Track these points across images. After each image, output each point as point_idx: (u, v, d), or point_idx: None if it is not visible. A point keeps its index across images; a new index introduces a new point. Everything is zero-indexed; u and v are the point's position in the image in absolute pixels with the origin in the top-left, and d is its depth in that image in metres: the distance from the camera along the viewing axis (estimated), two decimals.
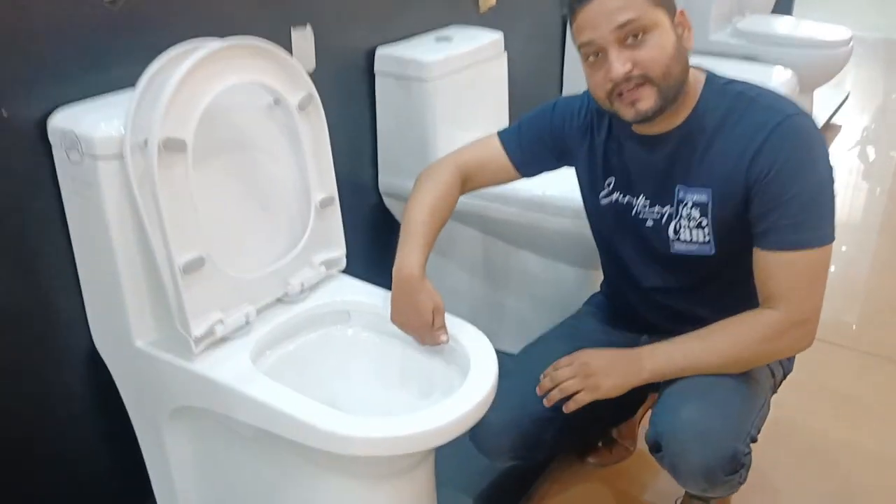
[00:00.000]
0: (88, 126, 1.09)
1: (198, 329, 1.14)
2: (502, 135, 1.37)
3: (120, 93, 1.18)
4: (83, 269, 1.22)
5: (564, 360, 1.21)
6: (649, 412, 1.26)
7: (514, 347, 1.45)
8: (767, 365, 1.28)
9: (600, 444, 1.63)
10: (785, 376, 1.35)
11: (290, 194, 1.30)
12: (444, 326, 1.19)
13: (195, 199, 1.11)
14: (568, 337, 1.39)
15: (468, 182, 1.36)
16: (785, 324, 1.15)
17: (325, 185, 1.32)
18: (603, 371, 1.18)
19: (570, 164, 1.36)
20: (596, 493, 1.56)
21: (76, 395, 1.31)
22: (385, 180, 1.81)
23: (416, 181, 1.33)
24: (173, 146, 1.06)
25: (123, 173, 1.08)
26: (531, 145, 1.34)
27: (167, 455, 1.29)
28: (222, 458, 1.27)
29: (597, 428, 1.56)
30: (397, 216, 1.86)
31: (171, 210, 1.08)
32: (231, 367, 1.14)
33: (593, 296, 1.52)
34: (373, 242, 1.86)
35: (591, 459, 1.62)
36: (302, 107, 1.24)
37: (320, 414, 1.06)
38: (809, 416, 1.73)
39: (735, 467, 1.14)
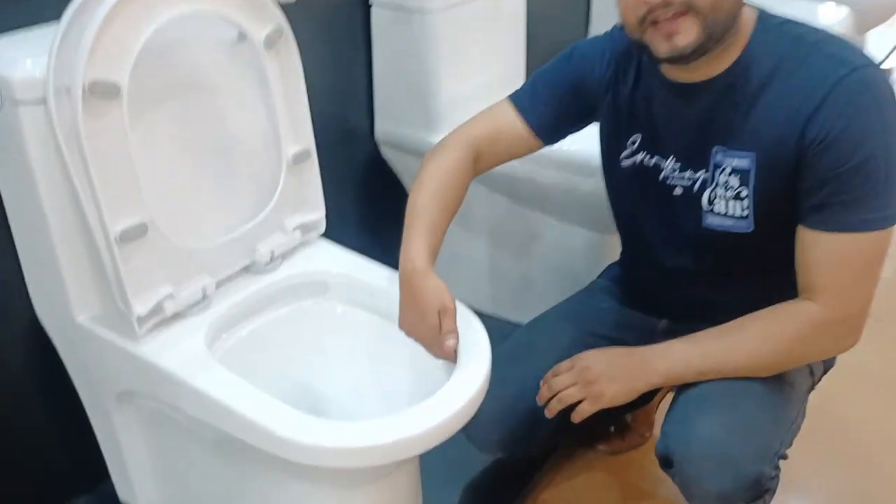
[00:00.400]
0: (7, 64, 0.91)
1: (141, 307, 0.97)
2: (515, 98, 1.15)
3: (49, 25, 0.99)
4: (17, 230, 1.05)
5: (564, 364, 1.04)
6: (669, 395, 1.09)
7: (522, 316, 1.28)
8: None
9: (612, 429, 1.47)
10: (826, 372, 1.17)
11: (258, 147, 1.11)
12: (453, 331, 0.97)
13: (135, 155, 0.93)
14: (576, 316, 1.21)
15: (481, 159, 1.14)
16: (826, 320, 0.96)
17: (299, 136, 1.13)
18: (606, 376, 1.01)
19: (596, 122, 1.16)
20: (604, 483, 1.41)
21: (20, 368, 1.16)
22: (382, 127, 1.61)
23: (421, 164, 1.13)
24: (103, 91, 0.88)
25: (50, 122, 0.91)
26: (549, 106, 1.13)
27: (118, 439, 1.14)
28: (177, 449, 1.12)
29: (606, 419, 1.39)
30: (396, 168, 1.67)
31: (103, 168, 0.90)
32: (180, 352, 0.98)
33: (610, 266, 1.33)
34: (368, 198, 1.68)
35: (600, 447, 1.46)
36: (269, 43, 1.04)
37: (280, 417, 0.89)
38: (836, 400, 1.55)
39: (758, 493, 0.97)
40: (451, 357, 0.97)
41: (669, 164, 1.05)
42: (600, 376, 1.01)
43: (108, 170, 0.90)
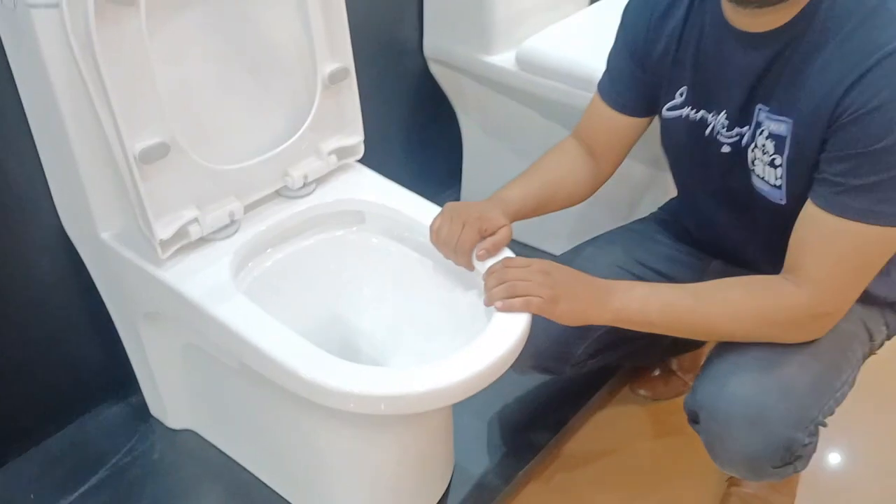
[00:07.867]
0: None
1: (164, 230, 0.92)
2: (599, 87, 1.08)
3: None
4: (39, 141, 1.00)
5: (519, 259, 0.95)
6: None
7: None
8: (865, 325, 0.99)
9: (655, 373, 1.40)
10: (889, 338, 1.07)
11: (291, 63, 1.03)
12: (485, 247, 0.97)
13: (156, 67, 0.86)
14: (625, 242, 1.14)
15: (597, 154, 1.09)
16: (805, 312, 0.88)
17: (336, 51, 1.04)
18: (565, 288, 0.90)
19: None
20: (643, 429, 1.36)
21: (49, 277, 1.12)
22: (431, 42, 1.50)
23: None
24: None
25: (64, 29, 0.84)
26: (625, 84, 1.04)
27: (147, 355, 1.12)
28: (206, 370, 1.10)
29: (652, 353, 1.31)
30: (445, 88, 1.57)
31: (121, 80, 0.83)
32: (204, 279, 0.94)
33: (670, 201, 1.23)
34: (413, 121, 1.59)
35: (641, 391, 1.40)
36: None
37: (306, 357, 0.84)
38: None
39: (788, 459, 0.91)
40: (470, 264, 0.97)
41: (719, 120, 0.95)
42: (559, 285, 0.90)
43: (126, 83, 0.84)
